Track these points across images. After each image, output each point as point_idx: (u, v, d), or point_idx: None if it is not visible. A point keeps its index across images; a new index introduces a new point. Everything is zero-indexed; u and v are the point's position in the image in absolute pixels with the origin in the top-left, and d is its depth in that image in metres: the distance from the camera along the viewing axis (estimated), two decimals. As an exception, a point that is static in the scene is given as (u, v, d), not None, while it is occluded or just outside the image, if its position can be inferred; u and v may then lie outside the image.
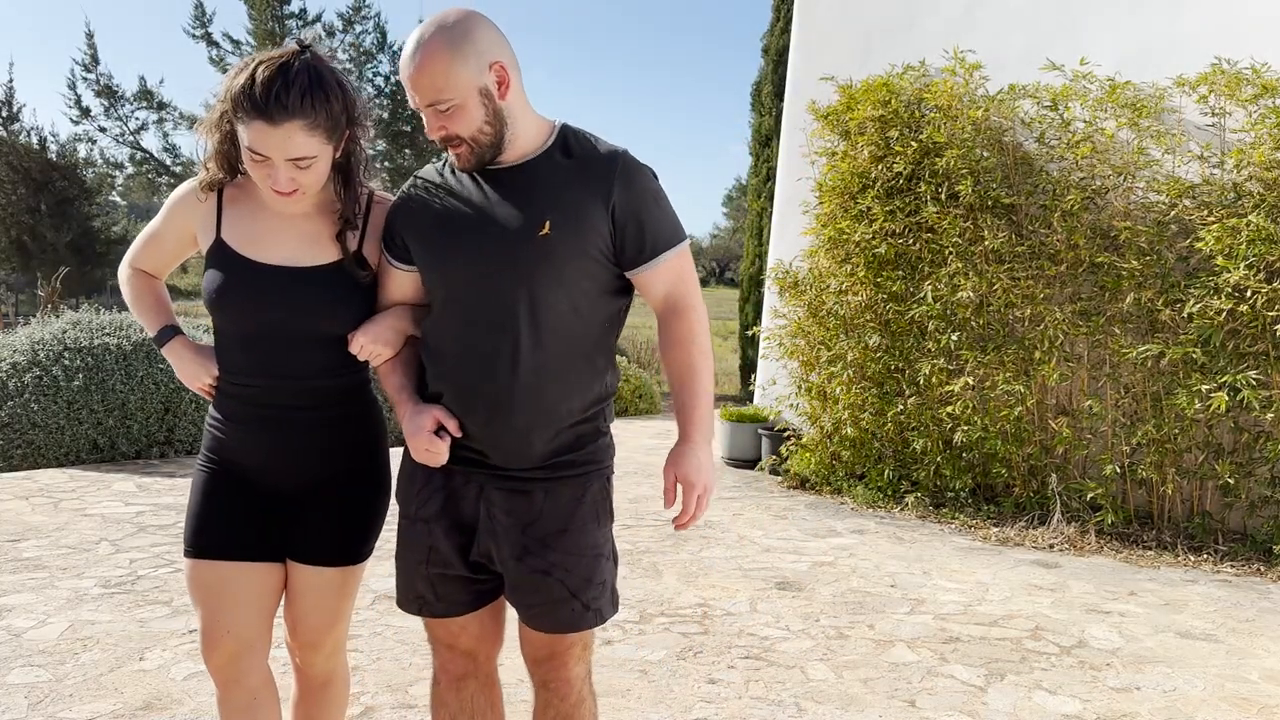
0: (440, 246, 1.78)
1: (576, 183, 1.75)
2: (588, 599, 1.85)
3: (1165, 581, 4.52)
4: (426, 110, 1.71)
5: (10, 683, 3.06)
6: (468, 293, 1.76)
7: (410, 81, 1.71)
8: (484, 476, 1.82)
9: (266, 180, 1.78)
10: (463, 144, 1.73)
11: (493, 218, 1.74)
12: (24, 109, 29.56)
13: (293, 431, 1.91)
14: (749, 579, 4.38)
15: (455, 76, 1.67)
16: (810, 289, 6.52)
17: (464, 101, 1.68)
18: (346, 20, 20.83)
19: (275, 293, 1.84)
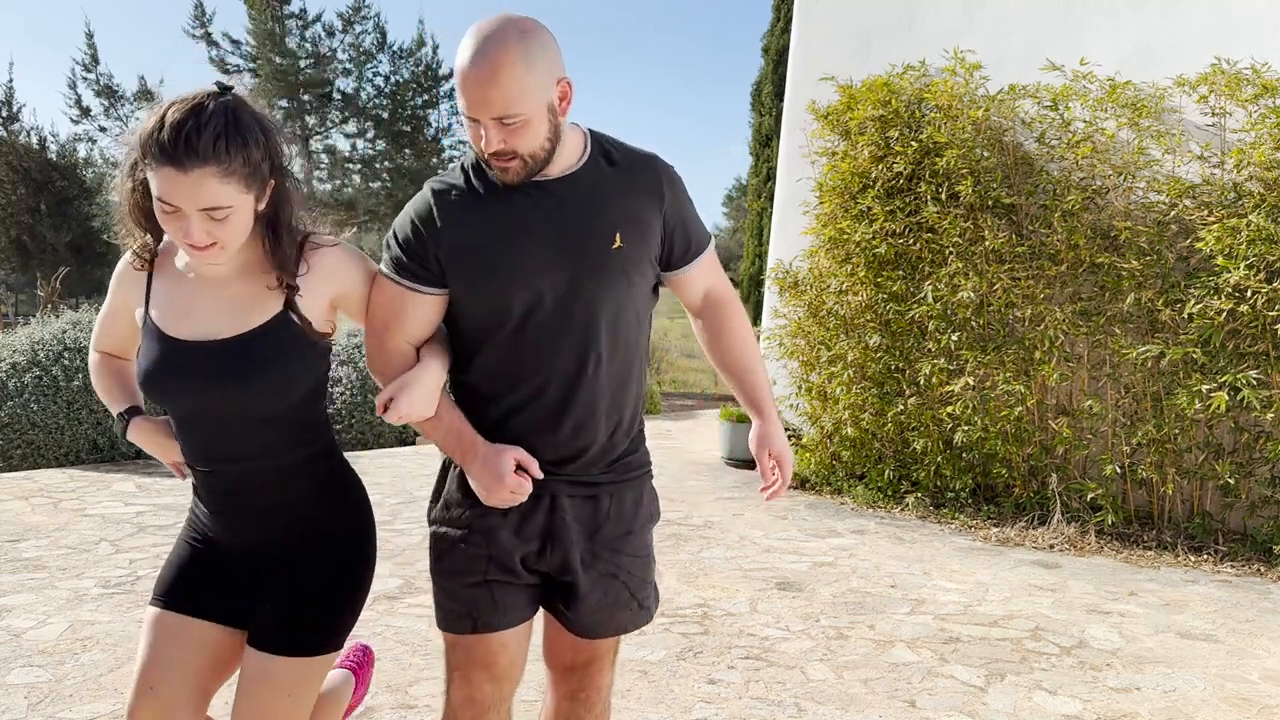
0: (507, 266, 1.67)
1: (633, 191, 1.73)
2: (643, 598, 1.89)
3: (1165, 582, 4.52)
4: (490, 123, 1.57)
5: (10, 683, 3.06)
6: (545, 312, 1.69)
7: (479, 90, 1.55)
8: (554, 485, 1.76)
9: (179, 234, 1.59)
10: (516, 158, 1.62)
11: (563, 233, 1.67)
12: (24, 109, 29.59)
13: (249, 515, 1.77)
14: (749, 579, 4.38)
15: (530, 91, 1.56)
16: (810, 289, 6.52)
17: (533, 117, 1.58)
18: (346, 20, 20.84)
19: (195, 371, 1.67)
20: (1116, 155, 5.34)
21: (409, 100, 20.90)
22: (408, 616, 3.76)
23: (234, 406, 1.69)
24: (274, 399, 1.70)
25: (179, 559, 1.83)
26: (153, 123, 1.58)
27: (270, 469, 1.74)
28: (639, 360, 1.83)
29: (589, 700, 1.91)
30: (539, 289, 1.67)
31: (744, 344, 1.92)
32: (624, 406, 1.80)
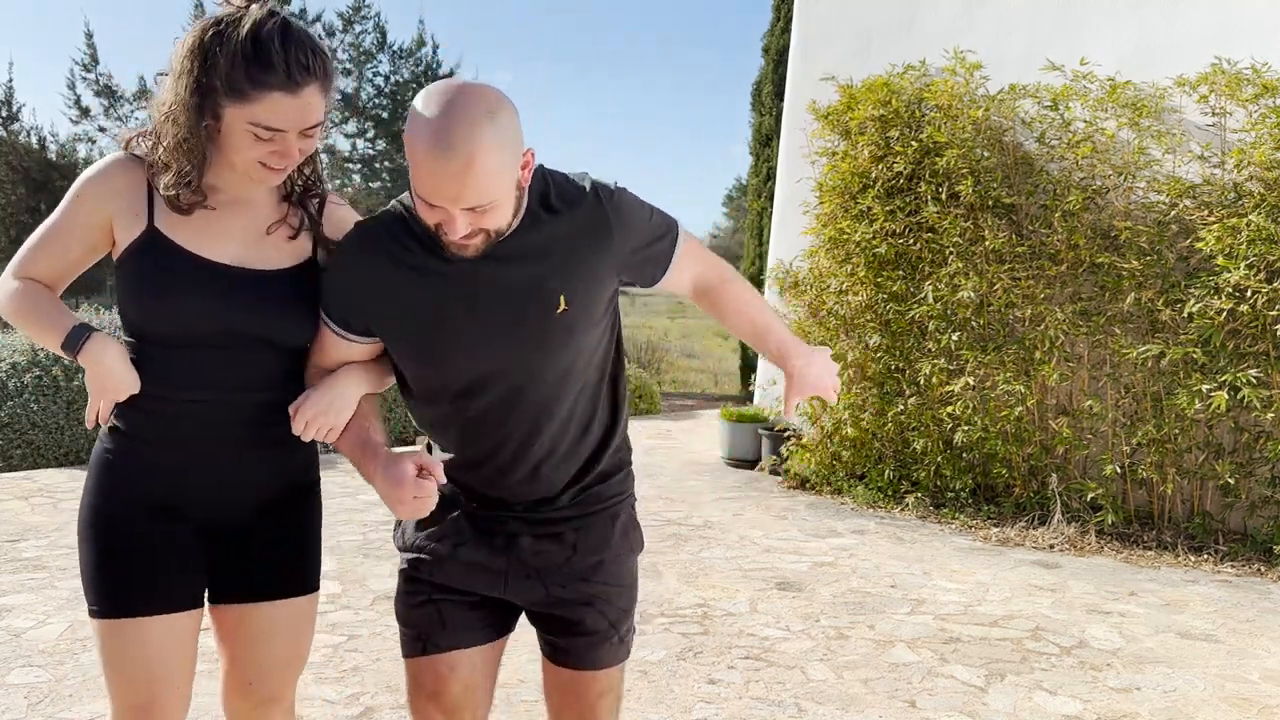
0: (441, 338, 1.58)
1: (578, 241, 1.59)
2: (623, 632, 1.81)
3: (1165, 582, 4.52)
4: (459, 213, 1.43)
5: (10, 683, 3.06)
6: (488, 387, 1.61)
7: (451, 183, 1.40)
8: (512, 523, 1.70)
9: (267, 158, 1.53)
10: (479, 234, 1.49)
11: (503, 304, 1.56)
12: (24, 109, 29.58)
13: (237, 453, 1.67)
14: (749, 579, 4.38)
15: (504, 178, 1.44)
16: (810, 289, 6.52)
17: (504, 199, 1.47)
18: (346, 20, 20.83)
19: (232, 295, 1.58)
20: (1116, 155, 5.34)
21: (409, 100, 20.89)
22: (408, 616, 3.76)
23: (263, 334, 1.62)
24: (293, 335, 1.65)
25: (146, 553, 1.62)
26: (238, 48, 1.47)
27: (269, 404, 1.66)
28: (600, 395, 1.73)
29: None
30: (479, 365, 1.59)
31: (745, 314, 1.86)
32: (588, 447, 1.72)
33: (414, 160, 1.43)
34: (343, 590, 4.06)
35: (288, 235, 1.66)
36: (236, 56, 1.47)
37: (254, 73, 1.47)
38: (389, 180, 20.78)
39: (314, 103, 1.52)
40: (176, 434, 1.63)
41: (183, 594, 1.64)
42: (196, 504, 1.66)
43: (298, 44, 1.49)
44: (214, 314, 1.58)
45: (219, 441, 1.65)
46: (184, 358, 1.60)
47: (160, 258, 1.57)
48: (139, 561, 1.61)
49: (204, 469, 1.65)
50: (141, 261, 1.58)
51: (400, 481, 1.51)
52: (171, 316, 1.58)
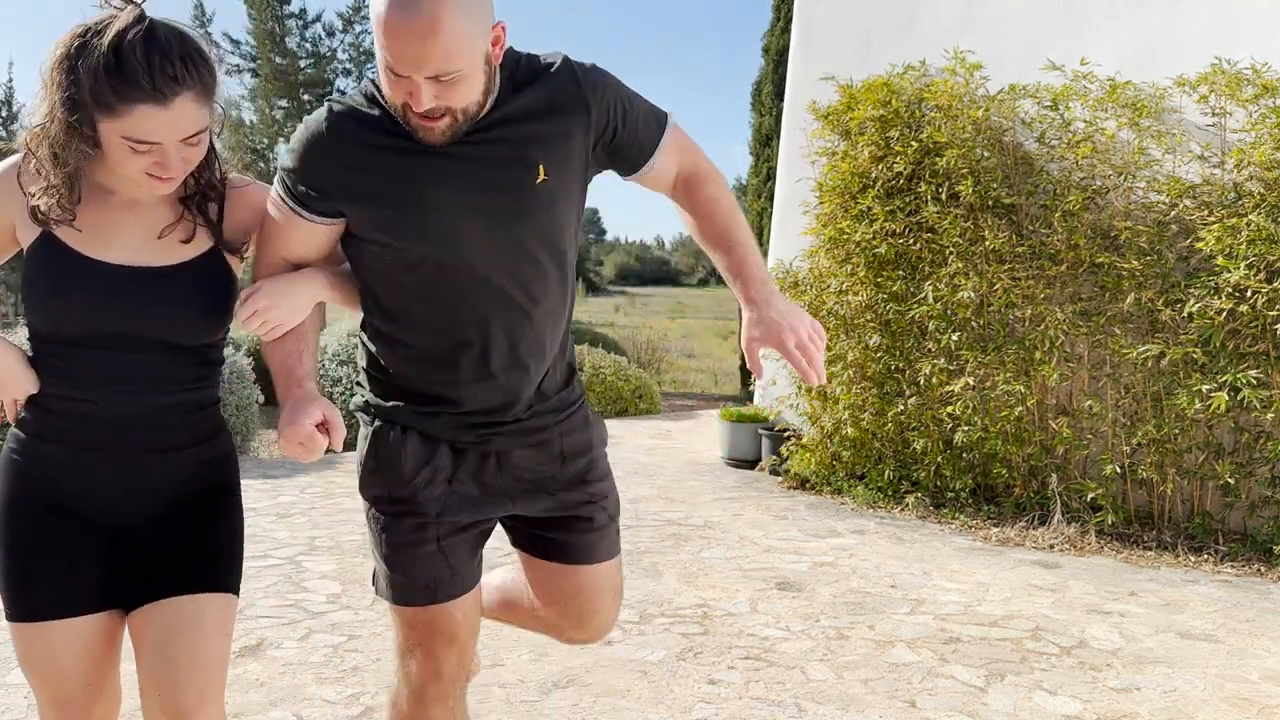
0: (419, 218, 1.54)
1: (551, 115, 1.56)
2: (618, 521, 1.86)
3: (1165, 582, 4.52)
4: (423, 81, 1.40)
5: (10, 683, 3.06)
6: (465, 262, 1.58)
7: (413, 45, 1.37)
8: (497, 440, 1.69)
9: (150, 169, 1.49)
10: (446, 115, 1.45)
11: (480, 179, 1.54)
12: (24, 109, 29.52)
13: (139, 454, 1.63)
14: (749, 579, 4.38)
15: (469, 42, 1.39)
16: (810, 289, 6.52)
17: (470, 71, 1.42)
18: (346, 20, 20.87)
19: (126, 297, 1.56)
20: (1116, 155, 5.34)
21: (409, 100, 20.90)
22: (408, 616, 3.76)
23: (160, 334, 1.59)
24: (196, 331, 1.63)
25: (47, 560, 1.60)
26: (103, 59, 1.41)
27: (175, 404, 1.65)
28: (569, 286, 1.72)
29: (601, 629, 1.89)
30: (457, 240, 1.56)
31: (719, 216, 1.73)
32: (556, 340, 1.72)
33: (377, 26, 1.39)
34: (343, 590, 4.06)
35: (181, 239, 1.62)
36: (98, 70, 1.41)
37: (117, 86, 1.41)
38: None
39: (188, 112, 1.46)
40: (77, 434, 1.61)
41: (84, 598, 1.61)
42: (101, 506, 1.63)
43: (163, 53, 1.43)
44: (106, 314, 1.56)
45: (119, 443, 1.63)
46: (82, 358, 1.58)
47: (53, 260, 1.55)
48: (41, 564, 1.60)
49: (106, 470, 1.63)
50: (37, 264, 1.56)
51: (296, 423, 1.54)
52: (65, 317, 1.57)
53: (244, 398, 7.79)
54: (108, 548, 1.64)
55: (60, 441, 1.62)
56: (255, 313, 1.59)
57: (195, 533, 1.67)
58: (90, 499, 1.63)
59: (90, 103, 1.44)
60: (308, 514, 5.43)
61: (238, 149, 19.77)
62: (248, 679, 3.11)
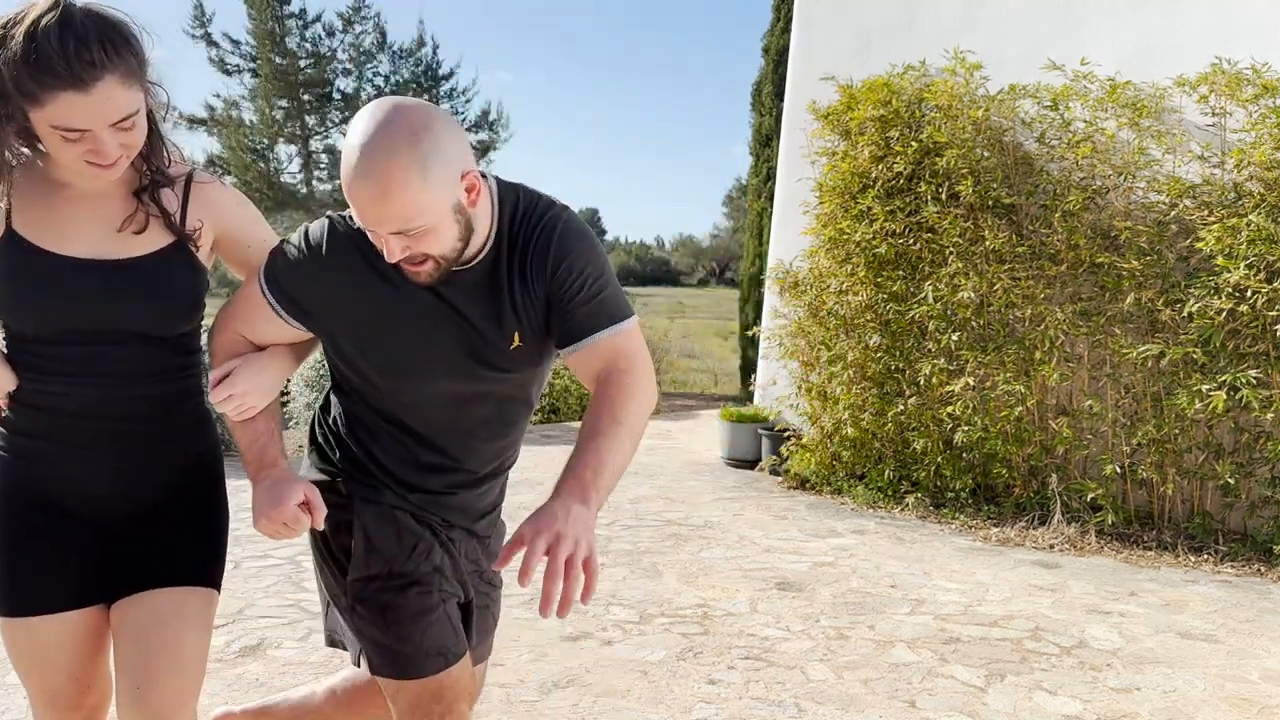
0: (400, 355, 1.58)
1: (527, 278, 1.58)
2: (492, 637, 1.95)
3: (1165, 582, 4.52)
4: (389, 236, 1.42)
5: (10, 683, 3.06)
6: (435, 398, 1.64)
7: (370, 207, 1.39)
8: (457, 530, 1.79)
9: (86, 157, 1.47)
10: (428, 261, 1.47)
11: (463, 335, 1.58)
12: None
13: (118, 448, 1.64)
14: (749, 579, 4.38)
15: (429, 200, 1.39)
16: (810, 289, 6.52)
17: (438, 223, 1.42)
18: (346, 20, 20.84)
19: (91, 288, 1.55)
20: (1116, 155, 5.34)
21: (409, 100, 20.90)
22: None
23: (126, 326, 1.59)
24: (166, 322, 1.63)
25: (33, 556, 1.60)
26: (16, 52, 1.39)
27: (152, 396, 1.65)
28: (529, 413, 1.81)
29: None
30: (428, 381, 1.62)
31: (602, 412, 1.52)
32: (511, 463, 1.84)
33: (343, 186, 1.41)
34: (343, 590, 4.05)
35: (135, 230, 1.60)
36: (16, 60, 1.39)
37: (36, 75, 1.39)
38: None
39: (114, 96, 1.43)
40: (60, 430, 1.61)
41: (71, 593, 1.62)
42: (87, 501, 1.64)
43: (78, 38, 1.39)
44: (76, 309, 1.56)
45: (98, 436, 1.62)
46: (60, 354, 1.58)
47: (18, 258, 1.54)
48: (27, 560, 1.60)
49: (91, 465, 1.63)
50: (7, 262, 1.54)
51: (282, 503, 1.53)
52: (36, 315, 1.56)
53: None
54: (94, 542, 1.64)
55: (44, 437, 1.62)
56: (230, 396, 1.61)
57: (178, 526, 1.68)
58: (76, 494, 1.63)
59: (15, 94, 1.42)
60: (308, 514, 5.43)
61: (238, 149, 19.77)
62: (248, 679, 3.11)
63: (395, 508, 1.69)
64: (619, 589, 4.17)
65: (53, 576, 1.61)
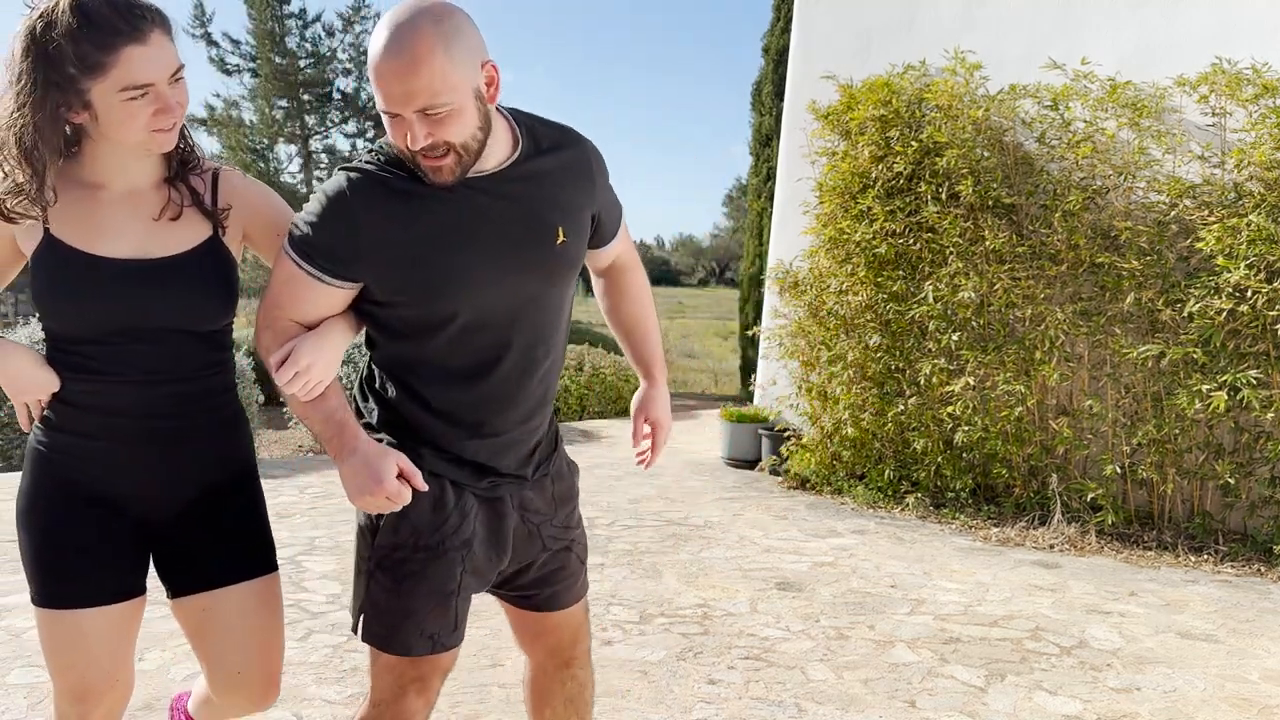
0: (445, 274, 1.58)
1: (568, 183, 1.69)
2: (585, 558, 1.94)
3: (1165, 582, 4.52)
4: (414, 117, 1.47)
5: (10, 683, 3.06)
6: (489, 316, 1.63)
7: (397, 81, 1.45)
8: (507, 486, 1.75)
9: (153, 121, 1.52)
10: (449, 153, 1.51)
11: (505, 236, 1.61)
12: (24, 109, 29.44)
13: (163, 443, 1.68)
14: (749, 579, 4.38)
15: (455, 77, 1.46)
16: (810, 289, 6.52)
17: (461, 105, 1.48)
18: (346, 20, 20.84)
19: (135, 287, 1.59)
20: (1117, 155, 5.34)
21: (409, 100, 20.88)
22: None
23: (168, 323, 1.63)
24: (207, 317, 1.67)
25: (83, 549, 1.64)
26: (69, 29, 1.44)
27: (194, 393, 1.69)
28: (566, 337, 1.84)
29: (582, 660, 1.95)
30: (481, 295, 1.61)
31: (642, 302, 1.99)
32: (556, 388, 1.84)
33: (370, 71, 1.48)
34: (343, 590, 4.05)
35: (172, 216, 1.64)
36: (74, 32, 1.45)
37: (98, 39, 1.45)
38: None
39: (166, 46, 1.51)
40: (102, 426, 1.65)
41: (115, 586, 1.66)
42: (130, 495, 1.68)
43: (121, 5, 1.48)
44: (120, 309, 1.59)
45: (143, 432, 1.66)
46: (102, 353, 1.62)
47: (59, 261, 1.58)
48: (72, 553, 1.63)
49: (133, 460, 1.66)
50: (43, 267, 1.59)
51: (380, 480, 1.54)
52: (79, 317, 1.60)
53: (244, 397, 7.79)
54: (136, 536, 1.69)
55: (86, 434, 1.64)
56: (296, 374, 1.57)
57: (232, 519, 1.74)
58: (119, 489, 1.67)
59: (77, 72, 1.46)
60: (308, 514, 5.43)
61: (238, 149, 19.76)
62: (248, 679, 3.11)
63: (435, 474, 1.67)
64: (619, 589, 4.17)
65: (99, 570, 1.64)
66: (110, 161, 1.60)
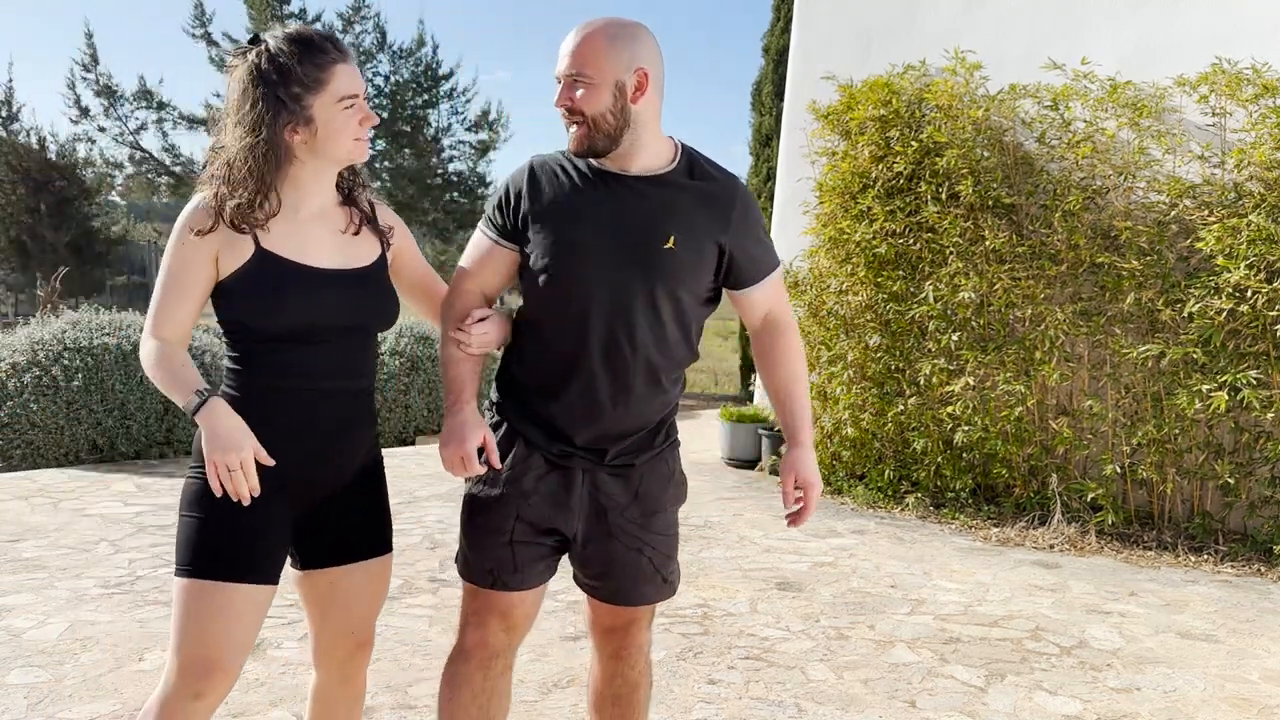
0: (572, 241, 1.86)
1: (701, 209, 1.90)
2: (667, 573, 2.06)
3: (1165, 582, 4.52)
4: (563, 79, 1.83)
5: (10, 683, 3.06)
6: (594, 288, 1.86)
7: (565, 49, 1.83)
8: (586, 462, 1.93)
9: (359, 128, 1.82)
10: (584, 123, 1.83)
11: (625, 225, 1.86)
12: (24, 109, 29.57)
13: (335, 434, 1.88)
14: (749, 579, 4.38)
15: (603, 60, 1.80)
16: (810, 289, 6.52)
17: (599, 84, 1.80)
18: (346, 20, 20.84)
19: (336, 295, 1.84)
20: (1117, 155, 5.34)
21: (409, 100, 20.88)
22: (407, 616, 3.76)
23: (358, 323, 1.88)
24: (383, 322, 1.94)
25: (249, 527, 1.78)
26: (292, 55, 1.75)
27: (362, 389, 1.93)
28: (675, 350, 1.95)
29: (630, 658, 2.10)
30: (583, 268, 1.85)
31: (791, 369, 2.05)
32: (659, 394, 1.96)
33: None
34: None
35: (354, 231, 1.92)
36: (298, 57, 1.75)
37: (318, 59, 1.76)
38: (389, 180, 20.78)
39: (356, 69, 1.83)
40: (282, 417, 1.82)
41: (272, 569, 1.82)
42: (298, 481, 1.84)
43: (322, 33, 1.81)
44: (322, 311, 1.82)
45: (318, 423, 1.86)
46: (291, 351, 1.82)
47: (276, 271, 1.80)
48: (242, 535, 1.78)
49: (302, 447, 1.84)
50: (257, 278, 1.79)
51: (461, 441, 1.85)
52: (292, 318, 1.80)
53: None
54: (290, 522, 1.86)
55: (265, 424, 1.78)
56: (486, 331, 1.91)
57: (365, 502, 1.96)
58: (288, 477, 1.81)
59: (302, 90, 1.76)
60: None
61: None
62: (248, 679, 3.11)
63: (514, 430, 1.95)
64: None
65: (254, 550, 1.79)
66: (308, 181, 1.85)
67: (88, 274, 20.70)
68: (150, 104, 20.34)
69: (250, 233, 1.79)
